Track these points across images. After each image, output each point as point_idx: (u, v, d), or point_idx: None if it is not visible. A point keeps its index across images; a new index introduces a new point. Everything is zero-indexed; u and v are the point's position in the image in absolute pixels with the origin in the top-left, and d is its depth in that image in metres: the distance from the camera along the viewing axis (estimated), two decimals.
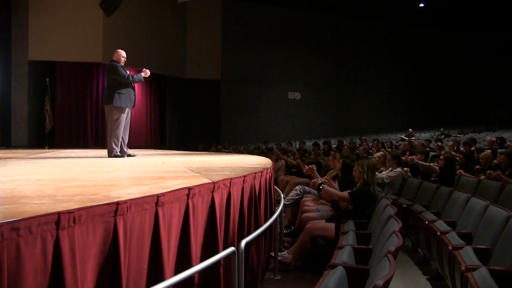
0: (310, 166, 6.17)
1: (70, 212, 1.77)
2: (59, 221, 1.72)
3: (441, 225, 4.28)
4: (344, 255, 3.00)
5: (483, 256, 3.35)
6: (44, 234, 1.68)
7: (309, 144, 16.06)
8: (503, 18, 22.88)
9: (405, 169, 7.54)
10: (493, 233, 3.59)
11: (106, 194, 2.37)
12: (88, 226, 1.87)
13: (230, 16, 21.05)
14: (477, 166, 7.40)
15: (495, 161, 7.47)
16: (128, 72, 6.53)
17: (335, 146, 13.22)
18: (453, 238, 3.76)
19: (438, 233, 4.01)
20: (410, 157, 8.24)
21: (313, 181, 5.35)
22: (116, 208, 2.00)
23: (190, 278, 2.42)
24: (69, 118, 15.79)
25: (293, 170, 10.53)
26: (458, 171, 7.22)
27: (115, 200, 2.04)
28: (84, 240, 1.86)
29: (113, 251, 2.00)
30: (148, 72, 6.70)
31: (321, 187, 5.11)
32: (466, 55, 25.61)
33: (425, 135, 17.67)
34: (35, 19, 14.85)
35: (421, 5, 22.24)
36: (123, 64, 6.55)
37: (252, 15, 21.64)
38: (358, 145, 13.72)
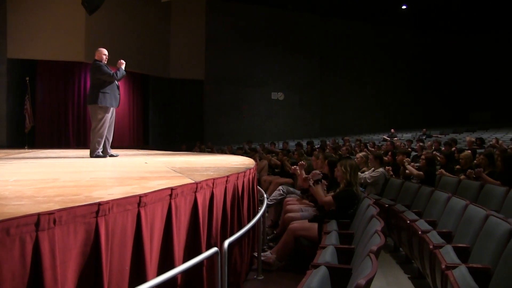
0: (299, 163, 6.21)
1: (50, 213, 1.74)
2: (38, 222, 1.69)
3: (422, 225, 4.33)
4: (326, 255, 3.01)
5: (463, 254, 3.40)
6: (23, 236, 1.65)
7: (292, 144, 16.10)
8: (483, 20, 23.26)
9: (387, 168, 7.60)
10: (472, 232, 3.65)
11: (87, 194, 2.34)
12: (69, 227, 1.85)
13: (214, 16, 21.01)
14: (458, 166, 7.50)
15: (475, 161, 7.57)
16: (112, 70, 6.48)
17: (318, 146, 13.28)
18: (434, 237, 3.81)
19: (419, 233, 4.06)
20: (407, 158, 8.20)
21: (305, 176, 5.34)
22: (98, 209, 1.98)
23: (173, 279, 2.40)
24: (50, 117, 15.60)
25: (276, 170, 10.55)
26: (439, 170, 7.30)
27: (97, 200, 2.01)
28: (64, 242, 1.83)
29: (95, 252, 1.98)
30: (123, 62, 6.65)
31: (311, 185, 5.16)
32: (447, 57, 25.96)
33: (407, 136, 17.85)
34: (14, 15, 14.58)
35: (404, 6, 22.48)
36: (105, 62, 6.50)
37: (236, 15, 21.62)
38: (341, 145, 13.79)
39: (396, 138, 16.66)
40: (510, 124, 21.09)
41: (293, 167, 6.86)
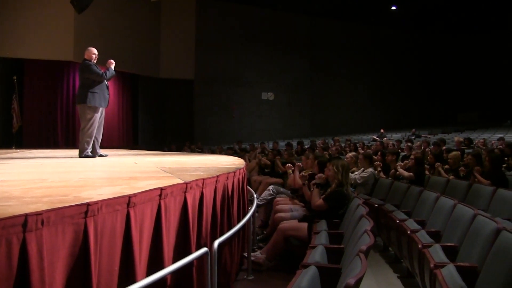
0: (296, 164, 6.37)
1: (38, 214, 1.72)
2: (26, 223, 1.67)
3: (411, 224, 4.36)
4: (316, 255, 3.03)
5: (451, 253, 3.44)
6: (9, 237, 1.63)
7: (282, 144, 16.11)
8: (471, 22, 23.46)
9: (377, 163, 7.66)
10: (461, 231, 3.69)
11: (76, 195, 2.32)
12: (57, 228, 1.83)
13: (204, 16, 20.97)
14: (446, 166, 7.56)
15: (462, 162, 7.65)
16: (101, 70, 6.44)
17: (308, 146, 13.31)
18: (423, 237, 3.84)
19: (409, 232, 4.09)
20: (399, 163, 8.23)
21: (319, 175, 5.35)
22: (87, 209, 1.96)
23: (162, 279, 2.39)
24: (38, 117, 15.46)
25: (266, 170, 10.56)
26: (437, 166, 7.37)
27: (86, 201, 2.00)
28: (52, 243, 1.81)
29: (83, 253, 1.96)
30: (113, 61, 6.62)
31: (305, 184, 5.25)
32: (436, 58, 26.18)
33: (397, 136, 17.92)
34: (1, 13, 14.41)
35: (393, 7, 22.62)
36: (95, 62, 6.46)
37: (226, 15, 21.60)
38: (330, 145, 13.84)
39: (385, 138, 16.73)
40: (497, 124, 21.36)
41: (287, 165, 6.93)
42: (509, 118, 23.07)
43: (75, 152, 6.78)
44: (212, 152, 14.93)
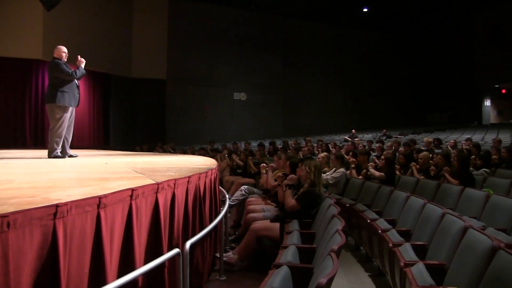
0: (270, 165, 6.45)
1: (4, 216, 1.68)
2: None
3: (382, 224, 4.43)
4: (288, 255, 3.04)
5: (421, 251, 3.52)
6: None
7: (254, 144, 16.13)
8: (440, 25, 23.98)
9: (352, 160, 7.77)
10: (430, 230, 3.77)
11: (45, 196, 2.27)
12: (24, 231, 1.79)
13: (177, 15, 20.82)
14: (417, 166, 7.70)
15: (432, 161, 7.81)
16: (71, 69, 6.32)
17: (281, 146, 13.36)
18: (393, 236, 3.90)
19: (379, 231, 4.15)
20: (371, 163, 8.33)
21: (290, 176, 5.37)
22: (56, 210, 1.93)
23: (133, 281, 2.37)
24: (5, 117, 15.04)
25: (238, 170, 10.56)
26: (412, 165, 7.50)
27: (55, 202, 1.96)
28: (19, 245, 1.77)
29: (52, 256, 1.93)
30: (83, 60, 6.51)
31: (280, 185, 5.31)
32: (406, 60, 26.69)
33: (368, 136, 18.14)
34: None
35: (365, 9, 22.92)
36: (65, 61, 6.34)
37: (199, 15, 21.50)
38: (303, 146, 13.91)
39: (357, 139, 16.92)
40: (465, 125, 21.94)
41: (262, 164, 6.96)
42: (476, 119, 23.76)
43: (44, 152, 6.65)
44: (184, 152, 14.84)
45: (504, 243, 3.13)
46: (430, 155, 8.39)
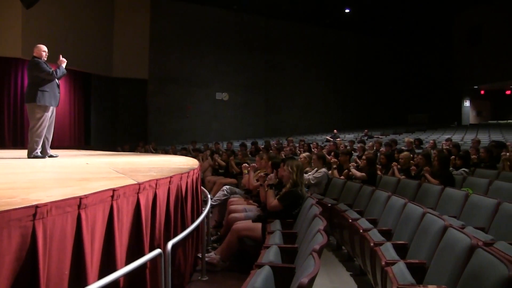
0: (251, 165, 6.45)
1: None
2: None
3: (363, 223, 4.47)
4: (270, 255, 3.05)
5: (401, 250, 3.56)
6: None
7: (236, 144, 16.13)
8: (421, 27, 24.27)
9: (333, 160, 7.81)
10: (411, 229, 3.82)
11: (24, 197, 2.24)
12: (2, 232, 1.77)
13: (159, 14, 20.71)
14: (398, 166, 7.78)
15: (412, 161, 7.90)
16: (52, 68, 6.24)
17: (263, 146, 13.38)
18: (375, 235, 3.94)
19: (361, 231, 4.19)
20: (352, 163, 8.39)
21: (270, 176, 5.37)
22: (35, 211, 1.90)
23: (115, 282, 2.34)
24: None
25: (220, 171, 10.55)
26: (393, 165, 7.58)
27: (34, 203, 1.94)
28: None
29: (31, 258, 1.90)
30: (64, 59, 6.43)
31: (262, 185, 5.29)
32: (387, 61, 26.96)
33: (350, 136, 18.25)
34: None
35: (347, 10, 23.07)
36: (45, 60, 6.25)
37: (181, 15, 21.40)
38: (284, 146, 13.96)
39: (338, 139, 17.02)
40: (445, 125, 22.26)
41: (244, 165, 6.97)
42: (456, 120, 24.13)
43: (24, 152, 6.54)
44: (166, 152, 14.77)
45: (482, 241, 3.20)
46: (411, 155, 8.48)
